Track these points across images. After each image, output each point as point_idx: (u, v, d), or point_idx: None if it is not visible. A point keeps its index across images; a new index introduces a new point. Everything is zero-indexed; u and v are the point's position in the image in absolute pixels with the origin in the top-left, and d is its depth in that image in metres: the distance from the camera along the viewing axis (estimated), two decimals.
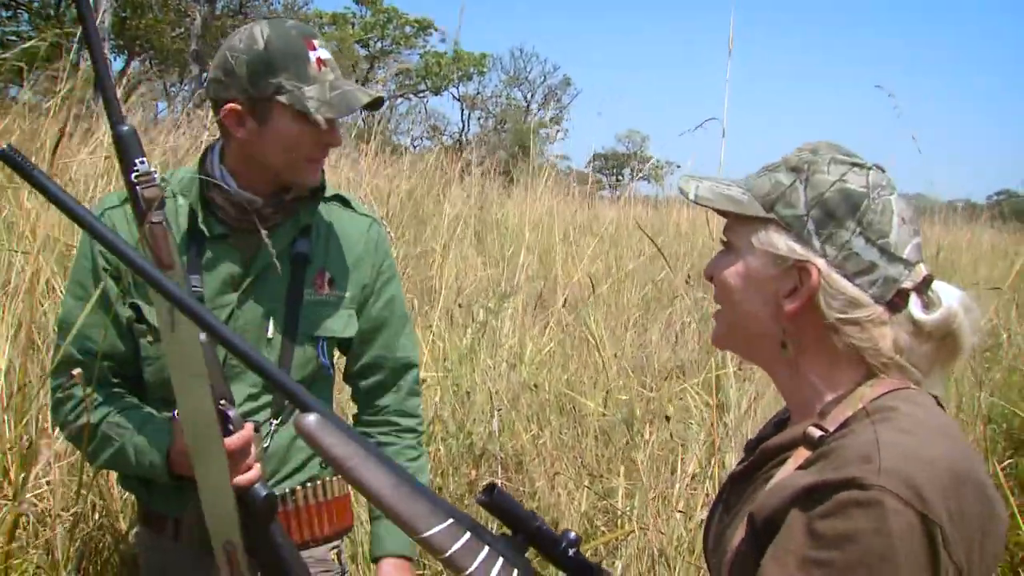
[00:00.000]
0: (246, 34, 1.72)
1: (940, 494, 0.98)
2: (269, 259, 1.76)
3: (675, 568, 2.66)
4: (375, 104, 1.76)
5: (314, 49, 1.71)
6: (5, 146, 1.04)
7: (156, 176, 1.52)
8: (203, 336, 1.51)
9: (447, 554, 1.08)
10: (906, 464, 0.99)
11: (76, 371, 1.69)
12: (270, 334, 1.77)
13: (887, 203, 1.14)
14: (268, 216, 1.76)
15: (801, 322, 1.14)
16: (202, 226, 1.75)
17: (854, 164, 1.15)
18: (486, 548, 1.09)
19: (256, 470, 1.62)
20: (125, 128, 1.47)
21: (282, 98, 1.67)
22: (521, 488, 3.44)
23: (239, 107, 1.70)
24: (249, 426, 1.62)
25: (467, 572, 1.08)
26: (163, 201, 1.51)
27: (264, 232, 1.72)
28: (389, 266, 1.94)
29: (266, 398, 1.78)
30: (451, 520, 1.09)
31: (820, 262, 1.12)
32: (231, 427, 1.57)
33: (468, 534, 1.09)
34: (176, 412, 1.70)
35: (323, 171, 1.86)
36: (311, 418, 1.08)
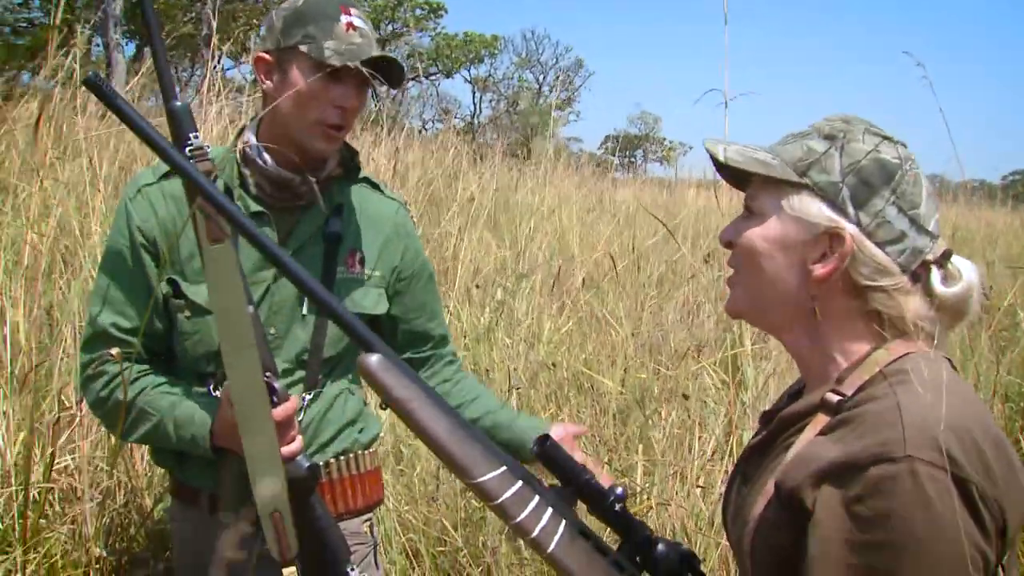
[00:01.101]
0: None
1: (967, 453, 0.99)
2: (304, 237, 1.79)
3: (696, 543, 2.67)
4: (392, 73, 1.77)
5: (348, 15, 1.74)
6: (90, 73, 1.09)
7: (209, 150, 1.53)
8: (250, 309, 1.53)
9: (498, 501, 1.08)
10: (930, 428, 1.00)
11: (115, 350, 1.70)
12: (304, 311, 1.80)
13: (917, 175, 1.15)
14: (303, 194, 1.78)
15: (827, 287, 1.14)
16: (238, 204, 1.76)
17: (885, 137, 1.16)
18: (536, 498, 1.10)
19: (299, 442, 1.63)
20: (178, 104, 1.49)
21: (303, 48, 1.71)
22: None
23: (268, 57, 1.76)
24: (294, 398, 1.64)
25: (516, 520, 1.09)
26: (216, 176, 1.53)
27: (318, 194, 1.75)
28: (419, 248, 1.99)
29: (300, 373, 1.81)
30: (504, 468, 1.09)
31: (852, 228, 1.12)
32: (275, 399, 1.58)
33: (520, 483, 1.09)
34: (211, 386, 1.72)
35: (356, 151, 1.89)
36: (374, 358, 1.09)
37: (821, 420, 1.11)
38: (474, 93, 34.63)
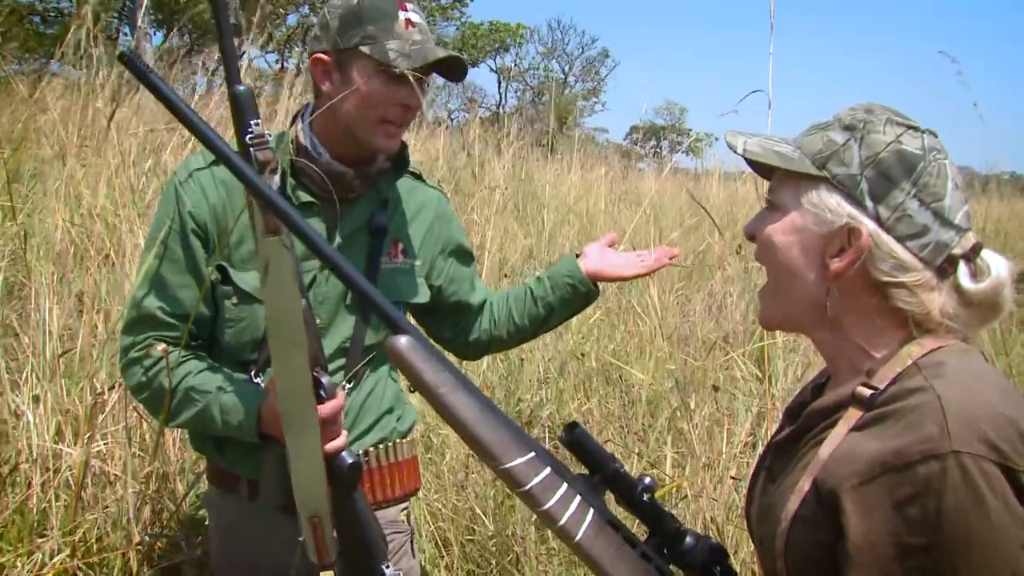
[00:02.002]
0: None
1: (1011, 442, 0.98)
2: (351, 228, 1.80)
3: (728, 534, 2.66)
4: (455, 68, 1.77)
5: (405, 10, 1.73)
6: (125, 49, 1.09)
7: (270, 139, 1.52)
8: (303, 302, 1.51)
9: (526, 487, 1.07)
10: (972, 420, 0.98)
11: (162, 346, 1.69)
12: (348, 300, 1.80)
13: (942, 167, 1.11)
14: (355, 187, 1.78)
15: (847, 283, 1.12)
16: (290, 193, 1.76)
17: (910, 127, 1.13)
18: (564, 486, 1.09)
19: (343, 438, 1.62)
20: (242, 88, 1.47)
21: (365, 48, 1.69)
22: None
23: (326, 58, 1.74)
24: (341, 394, 1.62)
25: (544, 507, 1.08)
26: (276, 165, 1.51)
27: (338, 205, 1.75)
28: (459, 229, 2.03)
29: (342, 361, 1.81)
30: (533, 454, 1.09)
31: (870, 223, 1.10)
32: (323, 393, 1.57)
33: (548, 470, 1.09)
34: (253, 372, 1.72)
35: (405, 144, 1.88)
36: (403, 340, 1.09)
37: (854, 415, 1.09)
38: (499, 83, 34.59)
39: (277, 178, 1.72)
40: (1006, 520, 0.96)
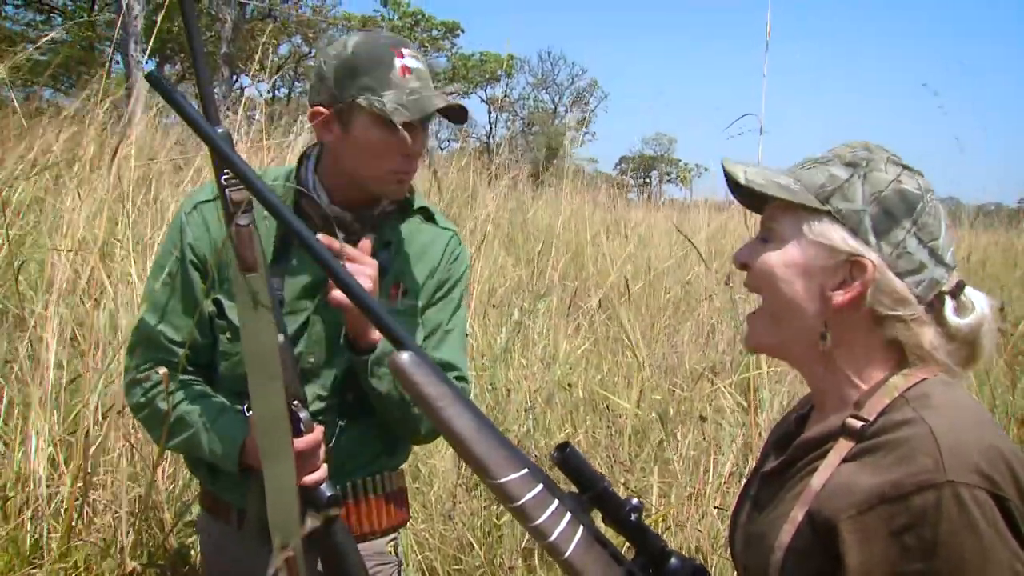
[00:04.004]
0: (340, 42, 1.75)
1: (1000, 472, 1.02)
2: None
3: (712, 564, 2.68)
4: (457, 114, 1.74)
5: (402, 57, 1.71)
6: (151, 69, 1.13)
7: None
8: (281, 338, 1.53)
9: (519, 503, 1.10)
10: (965, 450, 1.02)
11: (163, 370, 1.72)
12: (343, 341, 1.78)
13: (936, 207, 1.16)
14: (355, 230, 1.77)
15: (844, 315, 1.15)
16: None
17: (905, 167, 1.17)
18: (556, 502, 1.11)
19: (322, 471, 1.64)
20: (220, 131, 1.48)
21: (362, 101, 1.68)
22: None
23: (325, 111, 1.73)
24: (319, 429, 1.64)
25: (535, 523, 1.10)
26: (250, 204, 1.54)
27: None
28: (461, 277, 1.95)
29: (335, 400, 1.81)
30: (526, 471, 1.11)
31: (875, 257, 1.13)
32: (301, 427, 1.59)
33: (541, 487, 1.11)
34: (246, 407, 1.74)
35: (412, 186, 1.87)
36: (405, 356, 1.11)
37: (844, 446, 1.12)
38: (490, 113, 34.73)
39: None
40: (997, 545, 1.00)
